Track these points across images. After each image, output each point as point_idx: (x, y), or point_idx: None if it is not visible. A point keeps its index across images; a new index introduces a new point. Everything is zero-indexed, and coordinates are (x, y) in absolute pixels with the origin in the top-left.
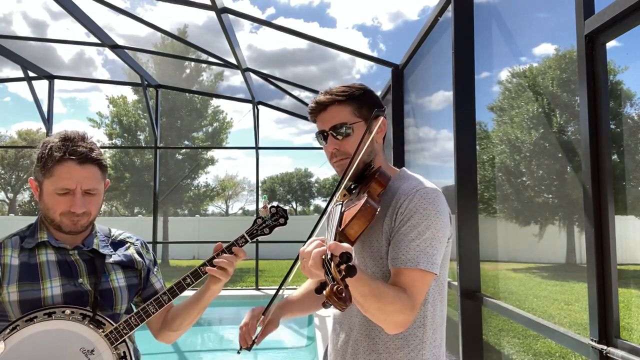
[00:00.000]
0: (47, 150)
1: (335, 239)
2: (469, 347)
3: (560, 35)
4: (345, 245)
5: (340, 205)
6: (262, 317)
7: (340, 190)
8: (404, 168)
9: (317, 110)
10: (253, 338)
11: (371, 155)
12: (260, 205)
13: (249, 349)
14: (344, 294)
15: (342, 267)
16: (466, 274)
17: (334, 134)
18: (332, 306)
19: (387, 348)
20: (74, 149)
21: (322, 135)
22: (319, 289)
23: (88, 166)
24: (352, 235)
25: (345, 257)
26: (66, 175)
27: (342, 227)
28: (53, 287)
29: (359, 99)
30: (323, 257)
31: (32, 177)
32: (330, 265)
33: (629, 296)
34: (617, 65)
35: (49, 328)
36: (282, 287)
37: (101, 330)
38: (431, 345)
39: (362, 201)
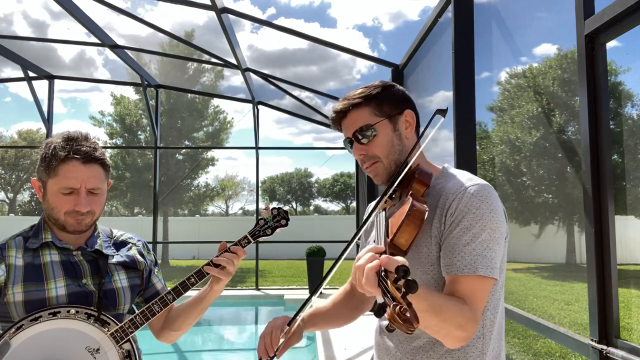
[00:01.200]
0: (50, 150)
1: (385, 252)
2: None
3: (560, 35)
4: (399, 258)
5: (384, 212)
6: (287, 327)
7: (383, 199)
8: (446, 164)
9: (338, 119)
10: (275, 350)
11: (403, 153)
12: (262, 206)
13: None
14: (408, 314)
15: (401, 282)
16: None
17: (358, 138)
18: (396, 329)
19: None
20: (77, 148)
21: (349, 142)
22: (379, 311)
23: (92, 165)
24: (403, 244)
25: (402, 271)
26: (70, 174)
27: (390, 238)
28: (58, 288)
29: (378, 98)
30: (377, 273)
31: (35, 178)
32: (386, 282)
33: (629, 296)
34: (620, 66)
35: (54, 327)
36: (311, 298)
37: (106, 329)
38: (490, 356)
39: (408, 205)
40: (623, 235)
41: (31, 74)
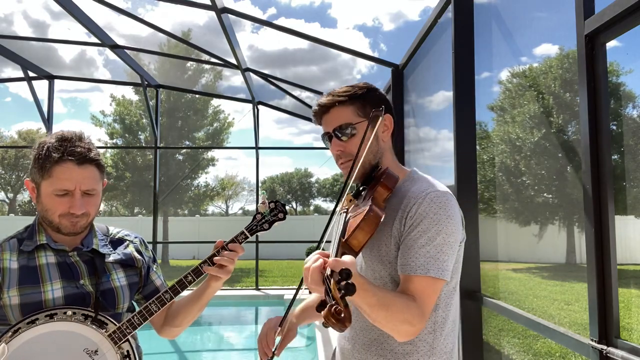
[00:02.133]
0: (44, 151)
1: (337, 251)
2: (469, 347)
3: (560, 35)
4: (347, 260)
5: (345, 213)
6: (279, 328)
7: (345, 196)
8: (414, 169)
9: (321, 113)
10: (273, 350)
11: (377, 155)
12: (260, 200)
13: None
14: (342, 315)
15: (342, 284)
16: (466, 274)
17: (338, 135)
18: (328, 326)
19: (395, 354)
20: (72, 150)
21: (327, 137)
22: (319, 307)
23: (87, 167)
24: (356, 245)
25: (345, 274)
26: (65, 176)
27: (345, 238)
28: (54, 290)
29: (362, 98)
30: (321, 273)
31: (28, 179)
32: (330, 282)
33: (629, 296)
34: (622, 67)
35: (52, 330)
36: (295, 298)
37: (104, 330)
38: (441, 351)
39: (366, 209)
40: (623, 235)
41: (31, 74)
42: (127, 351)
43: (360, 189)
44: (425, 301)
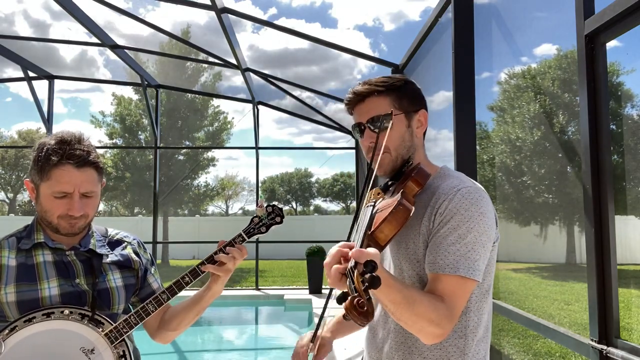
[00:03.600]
0: (43, 153)
1: (362, 244)
2: None
3: (560, 35)
4: (372, 251)
5: (372, 207)
6: (311, 344)
7: (373, 190)
8: (446, 165)
9: (355, 102)
10: None
11: (410, 150)
12: (258, 204)
13: None
14: (365, 308)
15: (366, 276)
16: None
17: (372, 127)
18: (351, 320)
19: (423, 359)
20: (71, 153)
21: (359, 128)
22: (340, 299)
23: (86, 169)
24: (382, 239)
25: (370, 265)
26: (64, 179)
27: (371, 230)
28: (51, 288)
29: (400, 90)
30: (345, 264)
31: (28, 179)
32: (353, 273)
33: (629, 296)
34: (623, 67)
35: (48, 328)
36: (325, 310)
37: (100, 329)
38: (473, 357)
39: (395, 202)
40: (623, 235)
41: (31, 74)
42: (123, 351)
43: (389, 183)
44: (454, 302)
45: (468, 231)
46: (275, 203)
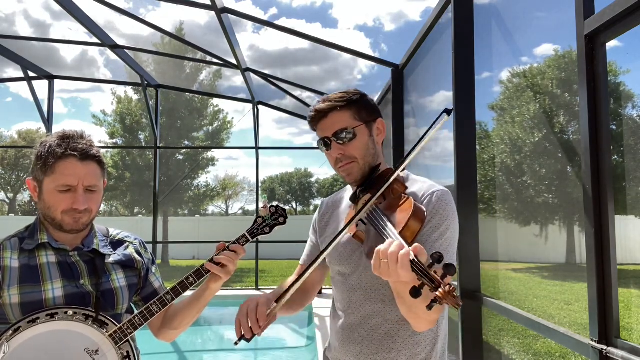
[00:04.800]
0: (46, 149)
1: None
2: (469, 347)
3: (560, 35)
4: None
5: (376, 211)
6: (275, 304)
7: (374, 199)
8: (405, 170)
9: (318, 118)
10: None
11: (375, 157)
12: (261, 204)
13: (250, 339)
14: (457, 293)
15: (439, 266)
16: (466, 274)
17: (338, 140)
18: (443, 305)
19: (405, 345)
20: (74, 146)
21: (324, 142)
22: (415, 292)
23: (89, 162)
24: (408, 237)
25: (438, 256)
26: (68, 171)
27: (400, 230)
28: (54, 289)
29: (358, 103)
30: (410, 260)
31: (29, 178)
32: (422, 267)
33: (629, 296)
34: (619, 67)
35: (53, 329)
36: (301, 279)
37: (105, 330)
38: (443, 340)
39: (411, 203)
40: (623, 235)
41: (31, 74)
42: (127, 352)
43: (358, 191)
44: None
45: (446, 229)
46: (279, 204)
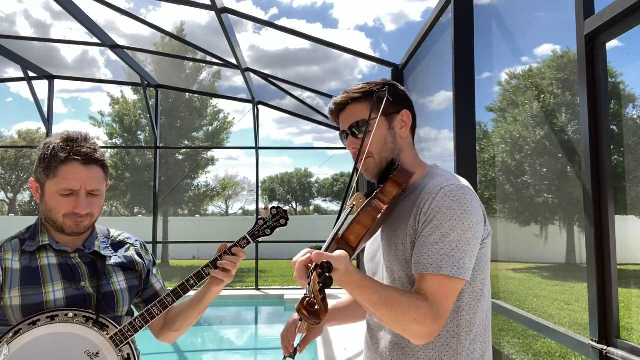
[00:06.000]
0: (50, 151)
1: (330, 246)
2: None
3: (560, 35)
4: (336, 254)
5: (351, 209)
6: (300, 324)
7: (356, 194)
8: (435, 164)
9: (337, 111)
10: (295, 346)
11: (394, 152)
12: (262, 206)
13: (291, 356)
14: (315, 307)
15: (321, 277)
16: None
17: (354, 133)
18: (303, 320)
19: (417, 359)
20: (78, 150)
21: (344, 135)
22: (301, 302)
23: (92, 167)
24: (352, 241)
25: (325, 266)
26: (70, 176)
27: (341, 233)
28: (55, 291)
29: (378, 94)
30: (306, 267)
31: (32, 179)
32: (312, 275)
33: (629, 296)
34: (621, 67)
35: (53, 331)
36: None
37: (105, 332)
38: (468, 357)
39: (364, 203)
40: (623, 235)
41: (31, 74)
42: (128, 354)
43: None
44: (439, 301)
45: (451, 229)
46: (280, 205)
